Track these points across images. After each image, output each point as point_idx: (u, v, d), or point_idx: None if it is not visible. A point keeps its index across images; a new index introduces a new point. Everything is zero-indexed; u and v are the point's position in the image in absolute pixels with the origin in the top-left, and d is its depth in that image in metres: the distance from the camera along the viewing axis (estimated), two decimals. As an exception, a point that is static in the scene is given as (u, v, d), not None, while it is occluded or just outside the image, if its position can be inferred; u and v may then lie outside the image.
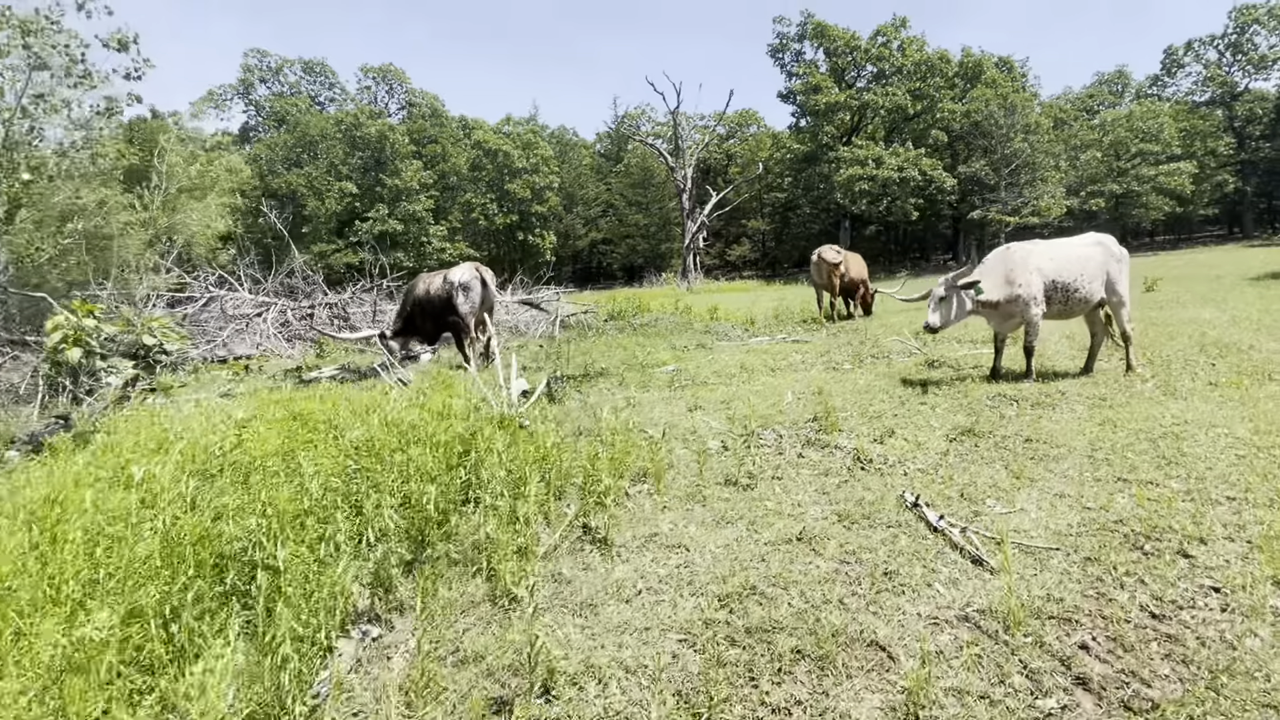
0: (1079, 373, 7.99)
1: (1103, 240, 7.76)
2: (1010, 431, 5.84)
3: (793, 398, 7.64)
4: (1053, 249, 7.66)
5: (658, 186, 50.46)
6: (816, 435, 5.98)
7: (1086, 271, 7.50)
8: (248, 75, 40.18)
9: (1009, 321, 7.68)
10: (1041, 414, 6.39)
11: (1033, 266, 7.48)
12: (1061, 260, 7.52)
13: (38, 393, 7.81)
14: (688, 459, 5.50)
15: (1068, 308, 7.60)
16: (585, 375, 9.07)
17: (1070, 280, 7.48)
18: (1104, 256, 7.59)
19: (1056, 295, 7.50)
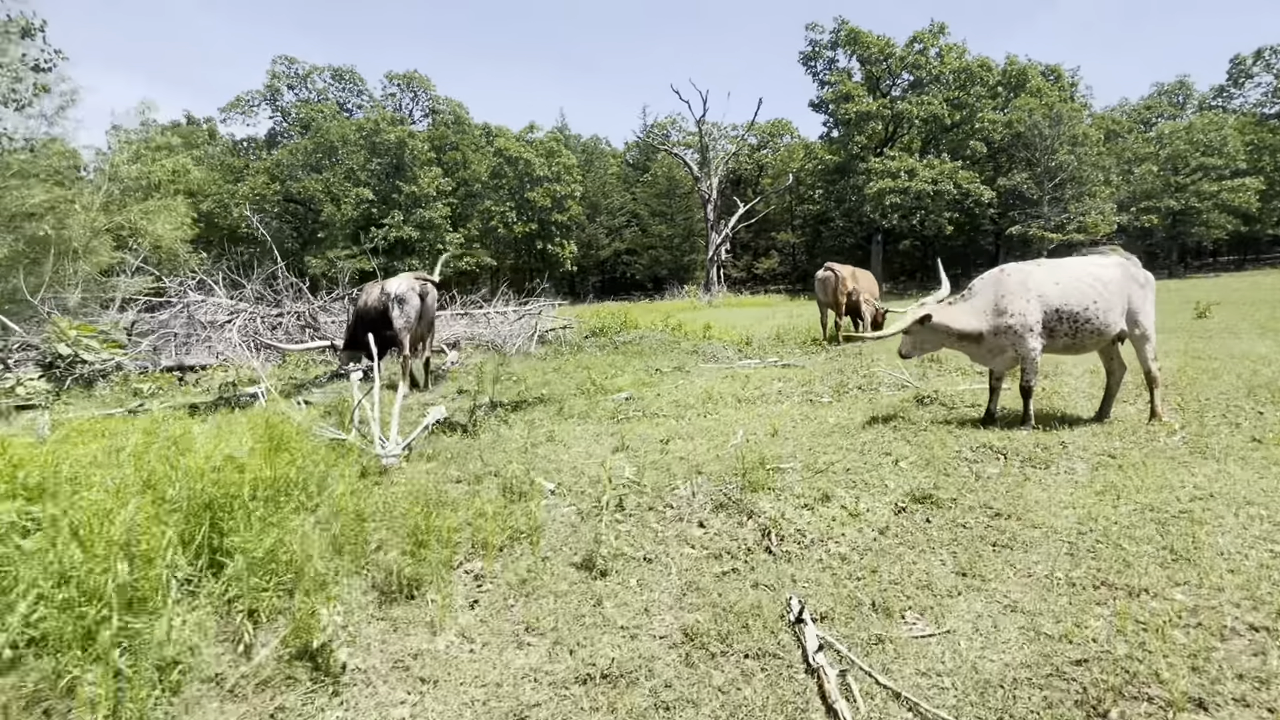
0: (1092, 418, 6.70)
1: (1123, 262, 6.50)
2: (978, 501, 4.65)
3: (742, 438, 6.55)
4: (1059, 271, 6.43)
5: (682, 197, 49.49)
6: (738, 495, 4.88)
7: (1102, 298, 6.25)
8: (274, 81, 40.78)
9: (1000, 357, 6.49)
10: (1028, 475, 5.17)
11: (1032, 292, 6.28)
12: (1069, 284, 6.29)
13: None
14: (565, 522, 4.47)
15: (1077, 340, 6.36)
16: (523, 402, 8.11)
17: (1080, 309, 6.25)
18: (1124, 281, 6.33)
19: (1062, 326, 6.28)
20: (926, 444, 6.04)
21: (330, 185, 34.44)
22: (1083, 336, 6.31)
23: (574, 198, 42.17)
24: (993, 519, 4.34)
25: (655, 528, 4.35)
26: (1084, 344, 6.40)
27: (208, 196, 34.17)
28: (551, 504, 4.84)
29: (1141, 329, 6.35)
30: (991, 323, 6.32)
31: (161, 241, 15.37)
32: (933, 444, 6.02)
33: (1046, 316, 6.28)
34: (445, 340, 13.18)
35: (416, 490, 4.61)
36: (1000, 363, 6.56)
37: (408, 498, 4.44)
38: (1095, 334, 6.31)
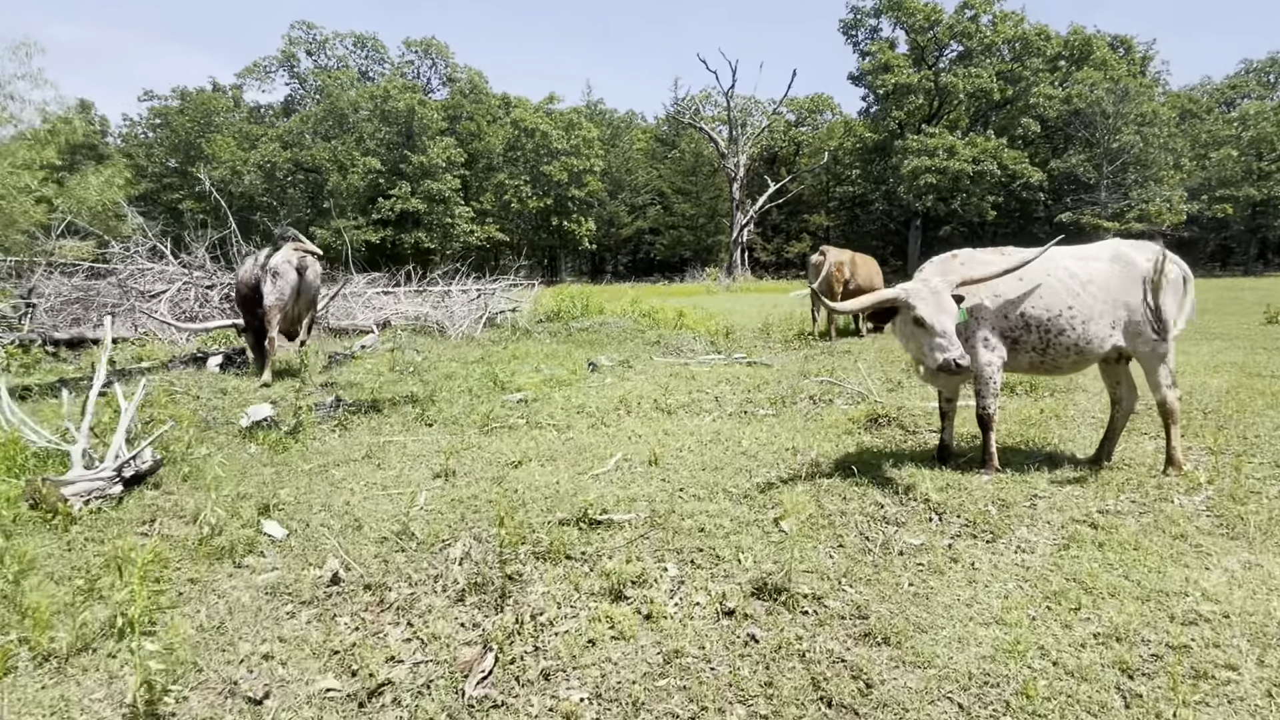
0: (1086, 460, 5.00)
1: (1126, 253, 4.70)
2: (854, 602, 3.10)
3: (613, 466, 5.07)
4: (1025, 261, 4.67)
5: (709, 174, 47.25)
6: (496, 573, 3.41)
7: (1081, 303, 4.54)
8: (291, 47, 40.03)
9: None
10: (958, 555, 3.58)
11: (982, 287, 4.57)
12: (1036, 280, 4.58)
13: None
14: (235, 604, 3.09)
15: (1048, 358, 4.68)
16: (385, 400, 6.75)
17: (1049, 314, 4.54)
18: (1124, 279, 4.58)
19: (1027, 336, 4.62)
20: (839, 491, 4.45)
21: (338, 154, 33.60)
22: (1055, 354, 4.62)
23: (593, 173, 40.39)
24: (856, 642, 2.79)
25: (345, 623, 2.92)
26: (1057, 363, 4.70)
27: (222, 164, 33.79)
28: (265, 565, 3.47)
29: (1151, 344, 4.56)
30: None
31: (86, 203, 14.54)
32: (848, 492, 4.43)
33: (1006, 323, 4.62)
34: (376, 320, 11.95)
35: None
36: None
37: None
38: (1072, 351, 4.60)
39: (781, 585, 3.17)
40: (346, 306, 12.77)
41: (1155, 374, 4.61)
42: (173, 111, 38.54)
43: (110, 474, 4.06)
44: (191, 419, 5.77)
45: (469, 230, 36.04)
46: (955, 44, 38.31)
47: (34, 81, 13.15)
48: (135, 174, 35.52)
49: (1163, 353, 4.56)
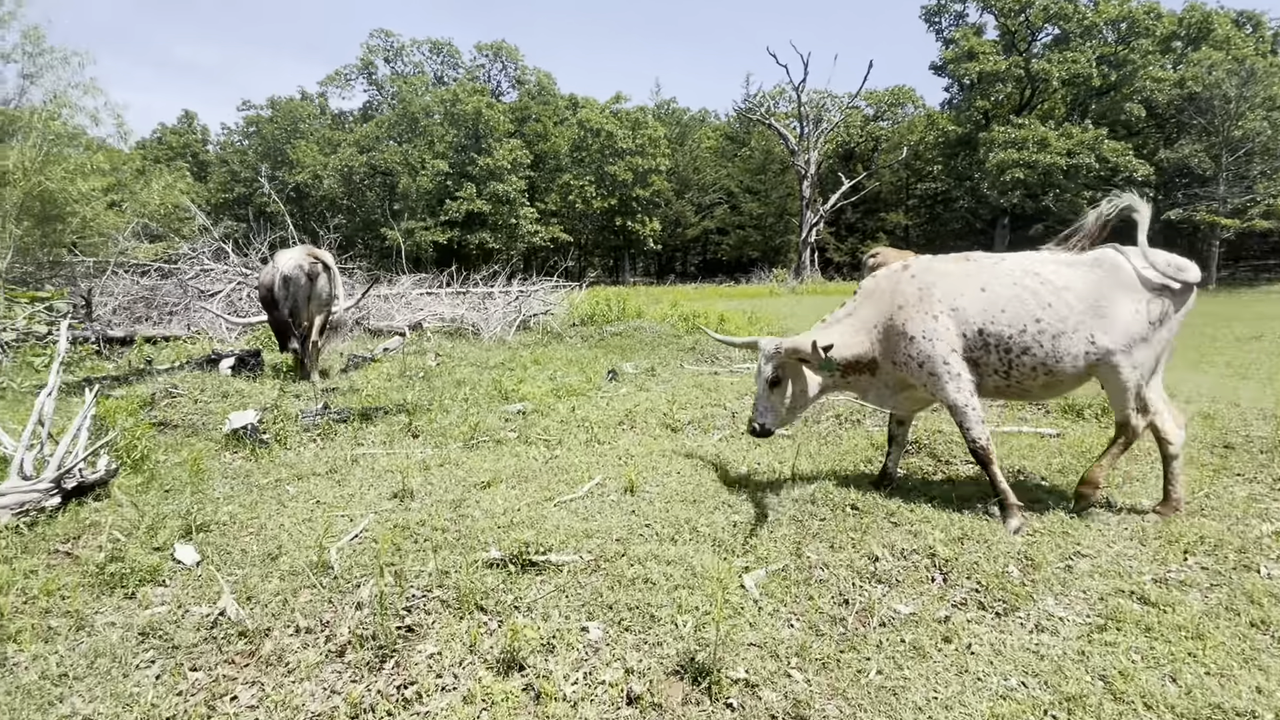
0: (1153, 507, 4.14)
1: (1109, 258, 3.95)
2: (785, 700, 2.51)
3: (585, 492, 4.60)
4: (988, 271, 4.06)
5: (778, 172, 45.79)
6: (400, 629, 2.99)
7: (1050, 316, 3.87)
8: (369, 55, 41.62)
9: (901, 395, 4.36)
10: (954, 630, 2.95)
11: (941, 303, 4.02)
12: (1000, 291, 3.96)
13: None
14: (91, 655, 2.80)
15: (1011, 382, 4.03)
16: (376, 409, 6.52)
17: (1012, 331, 3.90)
18: (1104, 287, 3.88)
19: (988, 357, 3.99)
20: (830, 535, 3.80)
21: (409, 157, 34.61)
22: (1020, 375, 3.97)
23: (659, 172, 39.85)
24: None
25: (196, 680, 2.57)
26: (1025, 387, 4.05)
27: (305, 168, 35.54)
28: (157, 598, 3.19)
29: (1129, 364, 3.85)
30: (884, 347, 4.15)
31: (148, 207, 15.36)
32: (840, 537, 3.77)
33: (965, 341, 3.99)
34: (411, 321, 11.92)
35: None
36: (904, 404, 4.46)
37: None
38: (1041, 373, 3.93)
39: (710, 665, 2.59)
40: (386, 308, 12.86)
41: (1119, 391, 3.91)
42: (264, 120, 41.01)
43: (48, 485, 3.91)
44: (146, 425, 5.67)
45: (533, 231, 36.35)
46: (1050, 27, 35.42)
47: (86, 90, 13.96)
48: (230, 179, 37.91)
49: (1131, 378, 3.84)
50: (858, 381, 4.38)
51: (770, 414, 4.22)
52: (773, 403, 4.24)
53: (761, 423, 4.21)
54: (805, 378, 4.27)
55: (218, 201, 38.08)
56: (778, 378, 4.20)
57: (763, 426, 4.21)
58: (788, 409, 4.31)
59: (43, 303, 9.56)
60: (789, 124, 41.92)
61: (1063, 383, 4.00)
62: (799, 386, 4.27)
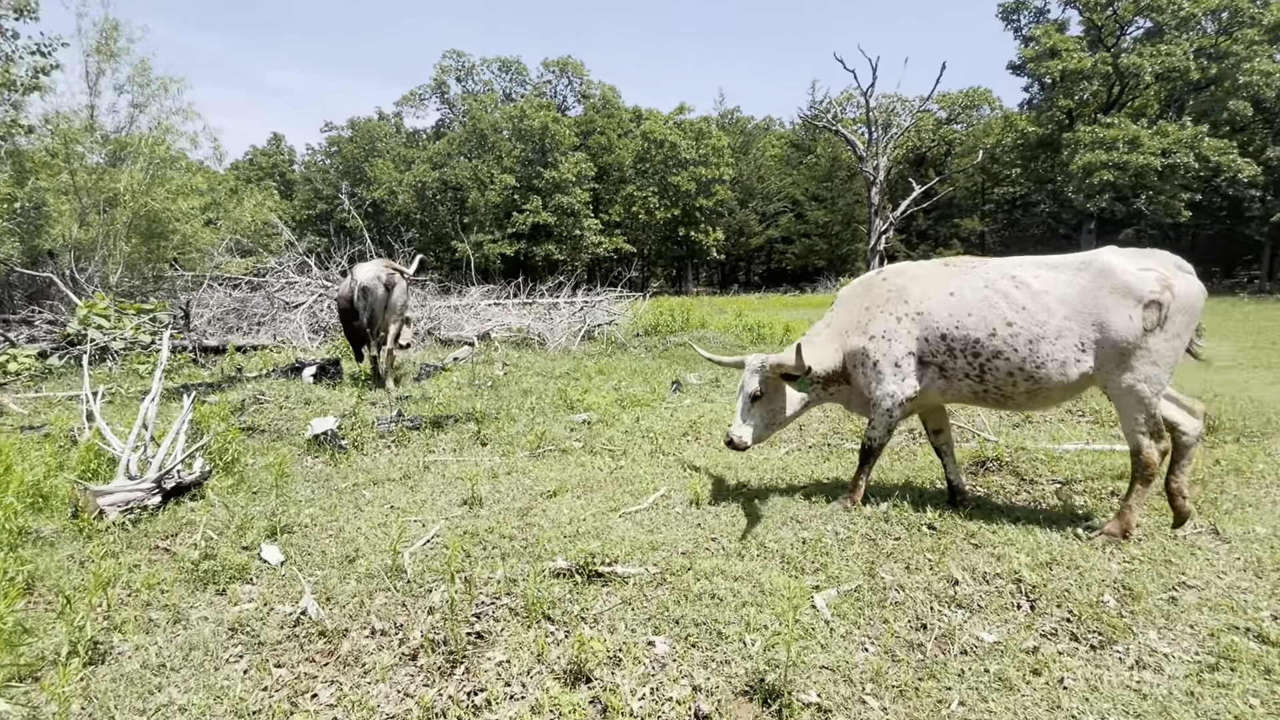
0: (1245, 534, 3.82)
1: (1105, 260, 3.75)
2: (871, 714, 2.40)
3: (650, 504, 4.58)
4: (962, 275, 4.02)
5: (845, 179, 44.79)
6: (470, 635, 3.04)
7: (1024, 320, 3.78)
8: (442, 75, 43.27)
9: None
10: (1045, 663, 2.76)
11: (908, 306, 4.07)
12: (970, 295, 3.92)
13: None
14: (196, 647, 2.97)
15: (986, 385, 3.95)
16: (447, 418, 6.69)
17: (980, 334, 3.85)
18: (1092, 294, 3.70)
19: (954, 362, 3.97)
20: (905, 556, 3.64)
21: (479, 172, 35.76)
22: (996, 379, 3.88)
23: (722, 181, 39.69)
24: (856, 793, 2.10)
25: (281, 676, 2.68)
26: (1005, 393, 3.93)
27: (381, 185, 37.25)
28: (245, 595, 3.36)
29: (1135, 374, 3.62)
30: (852, 345, 4.23)
31: (240, 224, 16.41)
32: (916, 558, 3.61)
33: (928, 345, 4.00)
34: (479, 332, 12.23)
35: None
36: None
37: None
38: (1021, 379, 3.82)
39: (780, 687, 2.51)
40: (456, 318, 13.26)
41: (1129, 412, 3.71)
42: (344, 140, 43.31)
43: (150, 485, 4.19)
44: (236, 430, 5.98)
45: (597, 242, 36.81)
46: (1141, 20, 33.37)
47: (185, 115, 15.07)
48: (313, 196, 40.08)
49: (1143, 393, 3.61)
50: (840, 392, 4.44)
51: (748, 428, 4.25)
52: (752, 417, 4.28)
53: (738, 435, 4.21)
54: (786, 394, 4.32)
55: (302, 218, 40.35)
56: (760, 392, 4.24)
57: (739, 439, 4.20)
58: (765, 424, 4.35)
59: (147, 314, 10.32)
60: (857, 130, 41.00)
61: (1050, 391, 3.83)
62: (779, 403, 4.31)
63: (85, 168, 13.20)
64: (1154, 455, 3.69)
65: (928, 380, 4.08)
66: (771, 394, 4.27)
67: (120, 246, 12.69)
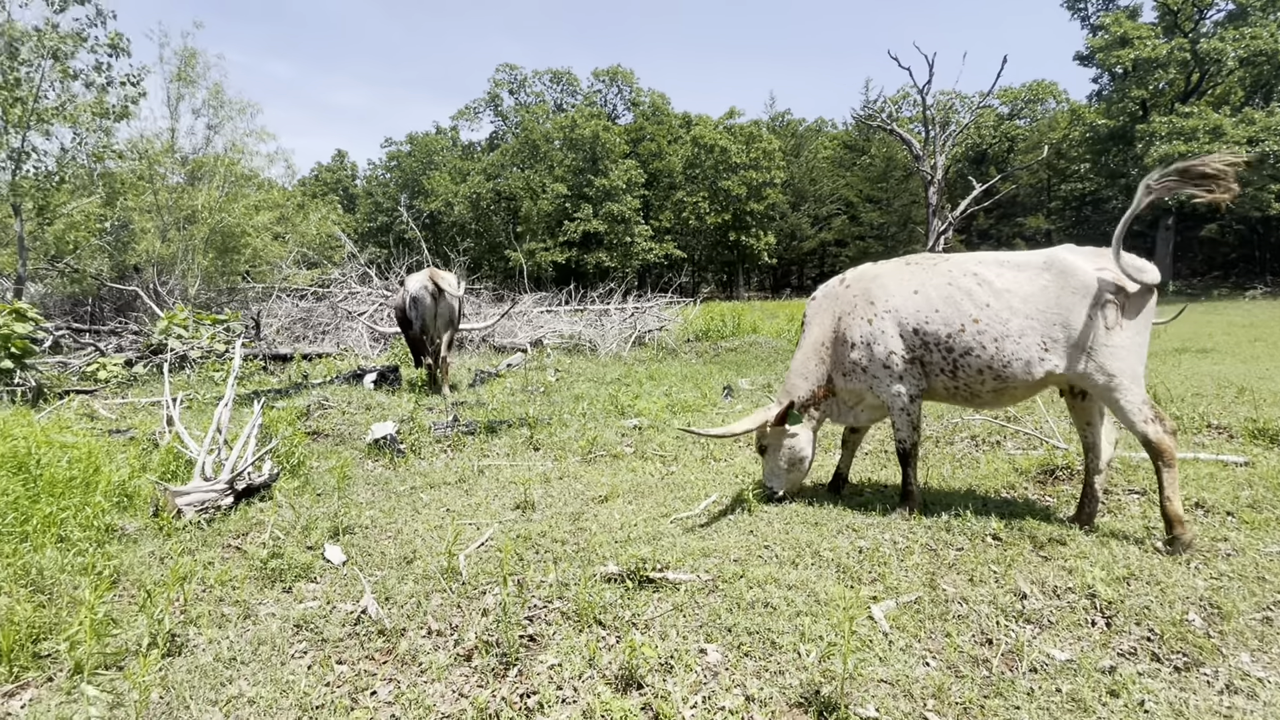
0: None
1: (1064, 259, 3.76)
2: None
3: (701, 511, 4.55)
4: (925, 272, 4.09)
5: (901, 180, 43.64)
6: (523, 638, 3.07)
7: (990, 317, 3.81)
8: (496, 88, 44.32)
9: (856, 409, 4.44)
10: (1123, 684, 2.62)
11: (878, 306, 4.14)
12: (935, 292, 3.99)
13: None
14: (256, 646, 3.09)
15: (959, 382, 3.97)
16: (501, 423, 6.80)
17: (947, 331, 3.91)
18: (1058, 291, 3.72)
19: (931, 356, 4.00)
20: (968, 568, 3.50)
21: (531, 182, 36.42)
22: (967, 377, 3.91)
23: (773, 185, 39.26)
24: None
25: (342, 672, 2.76)
26: (973, 390, 3.96)
27: (438, 197, 38.39)
28: (310, 593, 3.49)
29: (1107, 372, 3.62)
30: (834, 360, 4.33)
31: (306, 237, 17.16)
32: (980, 570, 3.46)
33: (908, 341, 4.04)
34: (531, 338, 12.41)
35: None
36: (861, 416, 4.47)
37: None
38: (989, 377, 3.85)
39: (837, 700, 2.44)
40: (509, 325, 13.51)
41: (1121, 410, 3.65)
42: (403, 154, 44.86)
43: (223, 486, 4.40)
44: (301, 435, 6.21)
45: (647, 249, 36.93)
46: (1221, 2, 31.44)
47: (259, 137, 15.93)
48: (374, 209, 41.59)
49: (1117, 386, 3.60)
50: (829, 406, 4.49)
51: (774, 479, 4.51)
52: (771, 468, 4.52)
53: (770, 487, 4.52)
54: (789, 435, 4.41)
55: (364, 230, 41.95)
56: (763, 446, 4.48)
57: (771, 491, 4.50)
58: (787, 471, 4.49)
59: (222, 324, 10.89)
60: (913, 129, 39.97)
61: (1015, 390, 3.86)
62: (786, 445, 4.42)
63: (166, 187, 14.13)
64: (1164, 436, 3.58)
65: (920, 377, 4.08)
66: (775, 442, 4.44)
67: (198, 260, 13.47)
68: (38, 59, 10.29)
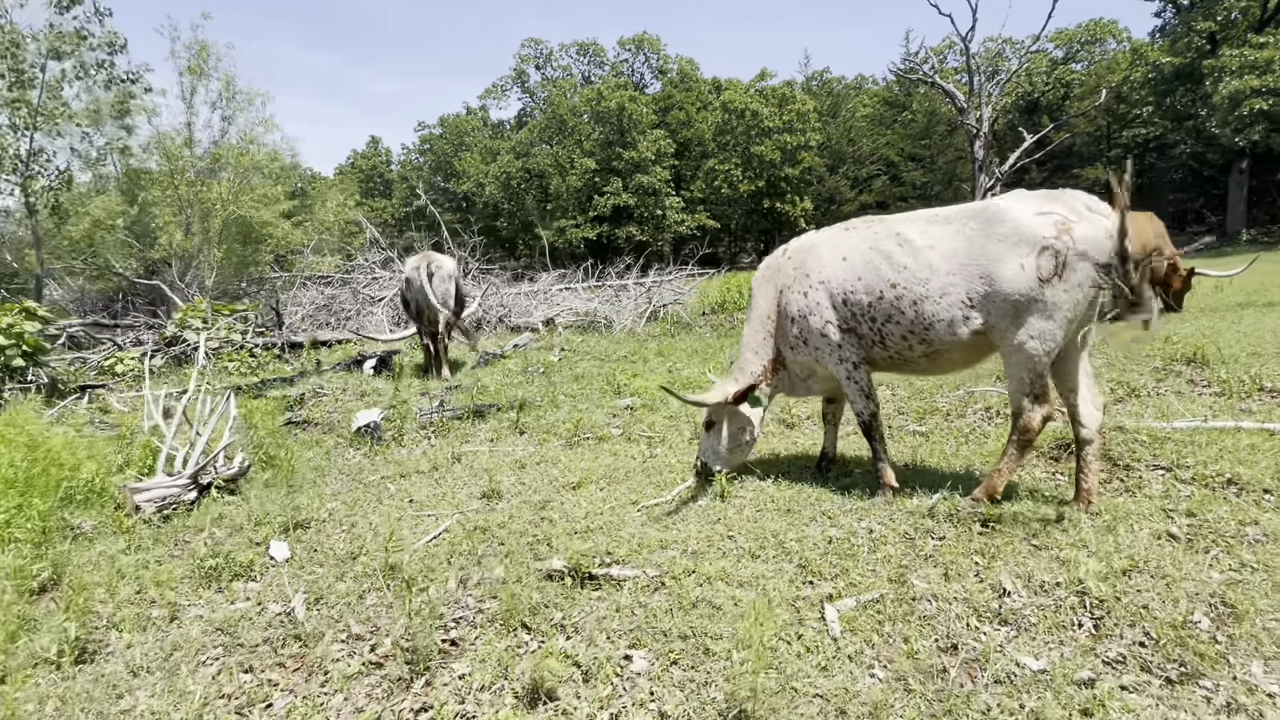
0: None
1: (997, 207, 3.37)
2: None
3: (672, 497, 4.28)
4: (853, 236, 3.87)
5: (944, 135, 41.48)
6: (445, 643, 2.88)
7: (908, 278, 3.55)
8: (522, 64, 43.81)
9: (811, 380, 4.27)
10: (1102, 700, 2.27)
11: (812, 277, 3.95)
12: (857, 259, 3.78)
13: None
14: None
15: (891, 352, 3.76)
16: (491, 406, 6.63)
17: (871, 298, 3.70)
18: (980, 244, 3.36)
19: (861, 327, 3.81)
20: (946, 560, 3.15)
21: (559, 158, 36.03)
22: (896, 345, 3.71)
23: (809, 148, 37.81)
24: None
25: (244, 681, 2.62)
26: (905, 357, 3.73)
27: (469, 178, 38.45)
28: (244, 593, 3.38)
29: (1023, 333, 3.28)
30: (779, 333, 4.17)
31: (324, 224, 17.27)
32: (959, 563, 3.11)
33: (840, 313, 3.85)
34: (545, 317, 12.22)
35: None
36: (814, 387, 4.29)
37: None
38: (915, 342, 3.61)
39: (760, 717, 2.17)
40: (527, 304, 13.36)
41: (1015, 373, 3.37)
42: (434, 138, 45.02)
43: (185, 481, 4.35)
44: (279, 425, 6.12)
45: (679, 220, 36.24)
46: (1304, -84, 28.34)
47: (267, 126, 16.06)
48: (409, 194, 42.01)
49: (1029, 349, 3.25)
50: (781, 379, 4.29)
51: (715, 457, 4.31)
52: (712, 446, 4.33)
53: (709, 465, 4.31)
54: (739, 414, 4.25)
55: (400, 215, 42.43)
56: (710, 422, 4.30)
57: (705, 466, 4.31)
58: (729, 451, 4.31)
59: (239, 315, 11.05)
60: (958, 80, 37.81)
61: (948, 353, 3.58)
62: (735, 424, 4.26)
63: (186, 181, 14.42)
64: (1035, 420, 3.37)
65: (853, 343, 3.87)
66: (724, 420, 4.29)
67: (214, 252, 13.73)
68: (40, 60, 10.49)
